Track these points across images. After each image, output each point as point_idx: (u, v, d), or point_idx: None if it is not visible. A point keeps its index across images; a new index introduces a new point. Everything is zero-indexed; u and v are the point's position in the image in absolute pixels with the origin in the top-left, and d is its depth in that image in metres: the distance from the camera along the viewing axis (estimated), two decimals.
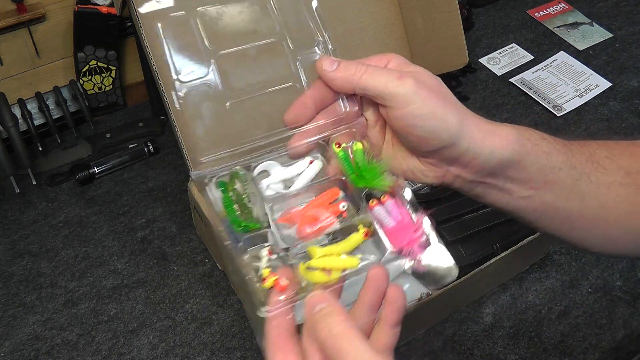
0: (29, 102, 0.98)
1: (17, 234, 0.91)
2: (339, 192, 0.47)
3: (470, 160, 0.45)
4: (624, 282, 0.85)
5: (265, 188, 0.47)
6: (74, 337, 0.80)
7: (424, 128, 0.44)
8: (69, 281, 0.86)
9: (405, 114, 0.44)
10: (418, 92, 0.44)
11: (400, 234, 0.44)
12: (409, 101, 0.44)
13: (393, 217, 0.45)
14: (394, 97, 0.44)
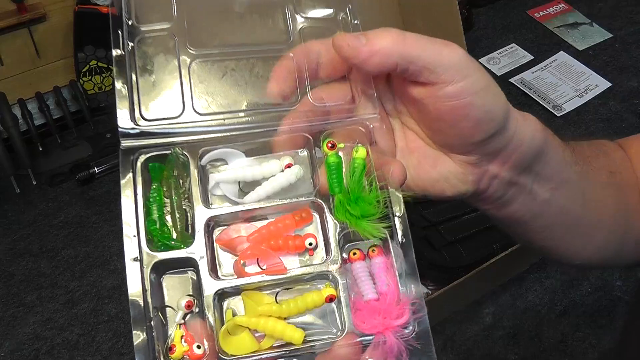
0: (29, 102, 0.98)
1: (18, 234, 0.91)
2: (311, 217, 0.36)
3: (514, 150, 0.38)
4: (624, 282, 0.85)
5: (213, 186, 0.36)
6: (74, 337, 0.80)
7: (481, 107, 0.35)
8: (69, 281, 0.86)
9: (463, 89, 0.35)
10: (472, 62, 0.35)
11: (374, 313, 0.33)
12: (465, 72, 0.35)
13: (377, 286, 0.34)
14: (447, 68, 0.34)
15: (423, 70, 0.35)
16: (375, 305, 0.33)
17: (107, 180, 0.99)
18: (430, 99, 0.36)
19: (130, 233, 0.34)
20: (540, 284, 0.84)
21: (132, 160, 0.35)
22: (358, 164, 0.35)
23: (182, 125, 0.35)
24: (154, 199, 0.35)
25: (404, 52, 0.34)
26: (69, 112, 1.00)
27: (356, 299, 0.34)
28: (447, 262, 0.76)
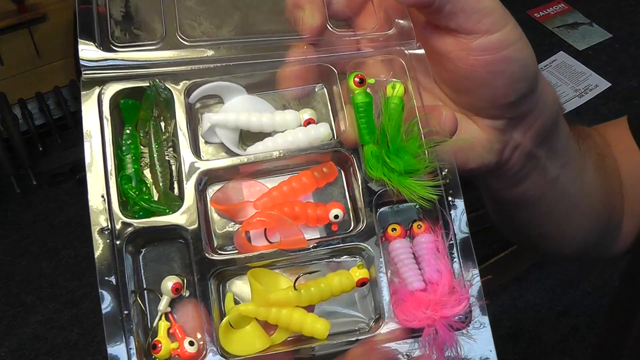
0: (30, 102, 0.98)
1: (18, 234, 0.91)
2: (334, 173, 0.28)
3: (539, 114, 0.35)
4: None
5: (207, 131, 0.28)
6: (75, 337, 0.80)
7: (519, 61, 0.31)
8: (70, 281, 0.86)
9: (499, 40, 0.30)
10: (505, 9, 0.30)
11: (422, 305, 0.26)
12: (504, 21, 0.30)
13: (424, 272, 0.27)
14: (485, 15, 0.29)
15: (459, 14, 0.29)
16: (422, 296, 0.26)
17: None
18: (461, 52, 0.30)
19: (96, 194, 0.25)
20: (540, 284, 0.84)
21: (98, 96, 0.27)
22: (396, 105, 0.27)
23: (164, 54, 0.27)
24: (128, 147, 0.27)
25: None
26: (69, 112, 1.00)
27: (398, 287, 0.26)
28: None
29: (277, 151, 0.27)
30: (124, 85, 0.27)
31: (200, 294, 0.25)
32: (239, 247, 0.26)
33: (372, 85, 0.28)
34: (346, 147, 0.28)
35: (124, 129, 0.28)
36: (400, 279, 0.27)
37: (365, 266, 0.26)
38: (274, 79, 0.28)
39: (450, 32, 0.30)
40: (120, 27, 0.28)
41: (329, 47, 0.29)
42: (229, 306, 0.26)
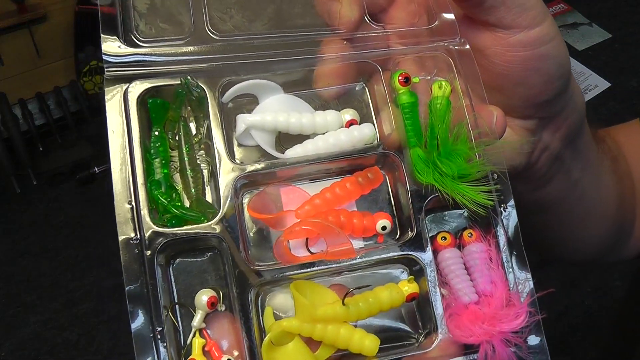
0: (30, 102, 0.98)
1: (18, 234, 0.91)
2: (380, 180, 0.25)
3: (569, 114, 0.34)
4: (624, 282, 0.85)
5: (241, 133, 0.25)
6: (74, 337, 0.80)
7: (556, 59, 0.30)
8: (70, 281, 0.86)
9: (538, 36, 0.29)
10: (544, 5, 0.30)
11: (477, 319, 0.24)
12: (542, 17, 0.29)
13: (477, 283, 0.25)
14: (527, 9, 0.29)
15: (500, 7, 0.28)
16: (477, 310, 0.24)
17: (107, 180, 0.99)
18: (498, 48, 0.29)
19: (123, 201, 0.24)
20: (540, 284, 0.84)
21: (124, 95, 0.24)
22: (443, 105, 0.25)
23: (193, 49, 0.25)
24: (157, 150, 0.25)
25: None
26: (69, 112, 1.00)
27: (451, 300, 0.24)
28: None
29: (317, 154, 0.25)
30: (152, 84, 0.24)
31: (240, 308, 0.23)
32: (280, 257, 0.24)
33: (416, 85, 0.25)
34: (391, 149, 0.25)
35: (152, 130, 0.25)
36: (452, 291, 0.25)
37: (415, 279, 0.24)
38: (311, 76, 0.26)
39: (489, 27, 0.29)
40: (145, 21, 0.25)
41: (367, 43, 0.27)
42: (268, 321, 0.23)
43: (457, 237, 0.25)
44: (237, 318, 0.23)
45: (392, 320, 0.25)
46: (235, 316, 0.23)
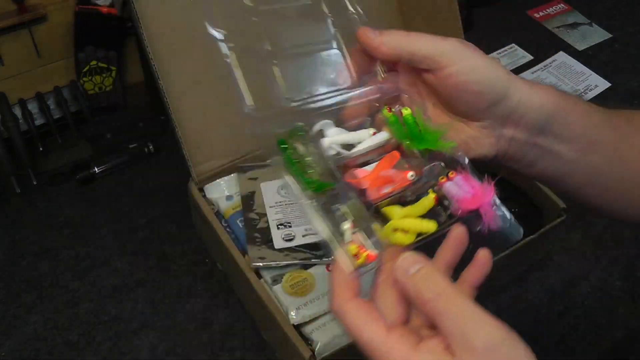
0: (30, 102, 0.98)
1: (18, 234, 0.91)
2: (398, 155, 0.45)
3: (522, 116, 0.46)
4: (624, 282, 0.85)
5: (326, 148, 0.44)
6: (74, 337, 0.80)
7: (477, 82, 0.44)
8: (70, 281, 0.86)
9: (458, 70, 0.44)
10: (465, 48, 0.45)
11: (472, 201, 0.43)
12: (459, 57, 0.44)
13: (464, 191, 0.43)
14: (443, 55, 0.44)
15: (424, 60, 0.45)
16: (469, 198, 0.43)
17: (107, 180, 0.99)
18: (436, 81, 0.45)
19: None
20: (540, 284, 0.84)
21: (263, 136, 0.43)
22: (408, 117, 0.46)
23: (285, 110, 0.45)
24: (292, 161, 0.43)
25: (406, 47, 0.45)
26: (69, 112, 1.00)
27: (457, 200, 0.43)
28: None
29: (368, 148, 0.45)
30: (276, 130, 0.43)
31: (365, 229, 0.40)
32: (370, 195, 0.43)
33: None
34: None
35: (283, 152, 0.44)
36: (456, 198, 0.43)
37: (434, 192, 0.43)
38: (340, 117, 0.47)
39: (425, 70, 0.46)
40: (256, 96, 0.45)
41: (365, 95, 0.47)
42: (375, 228, 0.40)
43: (448, 176, 0.44)
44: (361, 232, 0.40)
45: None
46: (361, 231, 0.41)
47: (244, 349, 0.79)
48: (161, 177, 1.00)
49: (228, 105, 0.85)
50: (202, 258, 0.89)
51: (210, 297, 0.85)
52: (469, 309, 0.36)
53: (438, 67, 0.45)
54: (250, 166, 0.87)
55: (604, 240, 0.91)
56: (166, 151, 1.04)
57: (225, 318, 0.82)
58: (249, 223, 0.80)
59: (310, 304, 0.72)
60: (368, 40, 0.46)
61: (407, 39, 0.45)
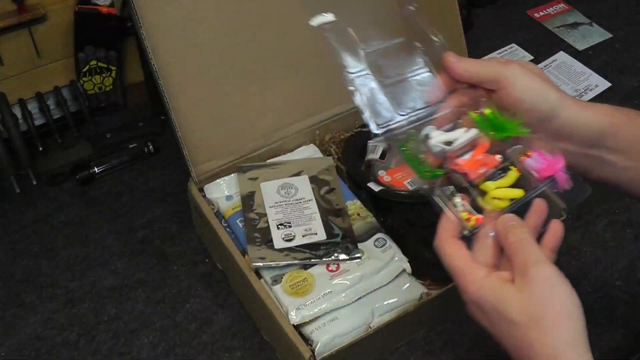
0: (30, 102, 0.98)
1: (18, 234, 0.91)
2: (487, 145, 0.57)
3: (570, 133, 0.55)
4: (624, 282, 0.85)
5: (433, 146, 0.57)
6: (74, 337, 0.80)
7: (527, 101, 0.54)
8: (70, 281, 0.86)
9: (512, 91, 0.54)
10: (522, 72, 0.55)
11: (547, 169, 0.54)
12: (515, 79, 0.54)
13: (540, 163, 0.54)
14: (501, 79, 0.55)
15: (488, 82, 0.56)
16: (545, 168, 0.54)
17: (107, 180, 0.99)
18: (498, 98, 0.56)
19: None
20: None
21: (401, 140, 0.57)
22: (489, 114, 0.57)
23: (398, 123, 0.59)
24: (411, 157, 0.57)
25: (474, 72, 0.56)
26: (69, 112, 1.00)
27: (537, 171, 0.55)
28: None
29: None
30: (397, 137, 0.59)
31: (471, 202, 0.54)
32: (472, 175, 0.56)
33: None
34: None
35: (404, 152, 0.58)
36: (536, 170, 0.55)
37: (515, 167, 0.56)
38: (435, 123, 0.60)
39: (491, 89, 0.57)
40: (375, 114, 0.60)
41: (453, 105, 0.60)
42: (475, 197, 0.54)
43: (526, 154, 0.56)
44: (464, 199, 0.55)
45: None
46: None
47: (244, 349, 0.79)
48: (161, 177, 1.00)
49: (228, 105, 0.85)
50: (202, 258, 0.89)
51: (210, 297, 0.85)
52: (535, 253, 0.48)
53: (498, 87, 0.55)
54: (250, 166, 0.87)
55: (604, 240, 0.91)
56: (166, 151, 1.04)
57: (225, 318, 0.82)
58: (249, 223, 0.80)
59: (310, 304, 0.72)
60: (450, 65, 0.57)
61: (477, 65, 0.57)
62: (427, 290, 0.76)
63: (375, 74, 0.60)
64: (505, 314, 0.47)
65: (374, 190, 0.84)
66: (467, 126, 0.59)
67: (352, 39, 0.61)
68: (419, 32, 0.63)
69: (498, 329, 0.48)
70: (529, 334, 0.46)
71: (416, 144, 0.57)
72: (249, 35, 0.84)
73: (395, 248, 0.78)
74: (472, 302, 0.50)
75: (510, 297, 0.47)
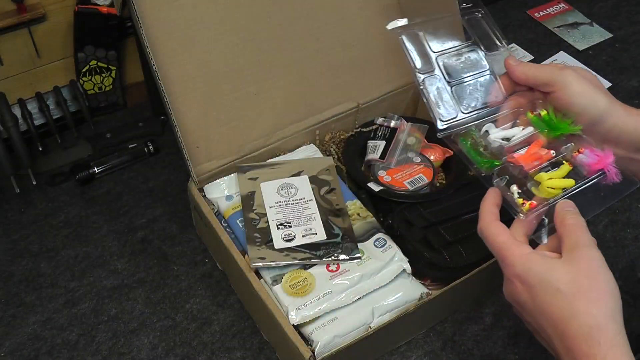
0: (29, 102, 0.98)
1: (17, 234, 0.91)
2: (542, 142, 0.63)
3: (618, 137, 0.60)
4: (624, 282, 0.85)
5: (492, 141, 0.64)
6: (74, 337, 0.80)
7: (578, 104, 0.60)
8: (69, 281, 0.86)
9: (564, 94, 0.60)
10: (575, 78, 0.60)
11: (598, 163, 0.60)
12: (568, 84, 0.60)
13: (591, 158, 0.60)
14: (556, 82, 0.60)
15: (544, 85, 0.62)
16: (596, 163, 0.61)
17: (107, 180, 0.99)
18: (552, 101, 0.62)
19: None
20: None
21: (453, 140, 0.65)
22: (544, 114, 0.63)
23: (460, 120, 0.67)
24: (471, 150, 0.64)
25: (532, 75, 0.63)
26: (69, 112, 1.00)
27: (589, 165, 0.61)
28: (447, 262, 0.76)
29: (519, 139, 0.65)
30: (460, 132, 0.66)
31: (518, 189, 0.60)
32: (527, 167, 0.62)
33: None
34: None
35: (466, 145, 0.66)
36: (588, 165, 0.61)
37: (567, 162, 0.62)
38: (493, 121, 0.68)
39: (546, 92, 0.63)
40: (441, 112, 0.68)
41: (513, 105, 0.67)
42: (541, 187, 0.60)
43: (579, 150, 0.62)
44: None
45: None
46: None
47: (244, 349, 0.79)
48: (161, 177, 1.00)
49: (228, 105, 0.85)
50: (202, 258, 0.89)
51: (210, 297, 0.85)
52: (587, 237, 0.53)
53: (553, 90, 0.61)
54: (250, 166, 0.87)
55: (604, 240, 0.91)
56: (166, 151, 1.04)
57: (225, 318, 0.82)
58: (249, 223, 0.80)
59: (310, 304, 0.72)
60: (510, 68, 0.64)
61: (534, 69, 0.63)
62: (427, 290, 0.76)
63: (442, 74, 0.68)
64: (552, 283, 0.51)
65: (374, 190, 0.84)
66: (523, 125, 0.65)
67: (422, 42, 0.69)
68: (483, 36, 0.71)
69: (541, 300, 0.51)
70: (575, 303, 0.49)
71: (476, 138, 0.64)
72: (249, 35, 0.84)
73: (395, 248, 0.78)
74: (517, 276, 0.53)
75: (558, 269, 0.51)
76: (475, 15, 0.71)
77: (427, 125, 0.93)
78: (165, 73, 0.78)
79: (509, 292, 0.56)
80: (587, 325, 0.48)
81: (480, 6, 0.71)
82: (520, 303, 0.54)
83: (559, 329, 0.50)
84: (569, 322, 0.49)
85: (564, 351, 0.50)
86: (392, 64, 0.95)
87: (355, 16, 0.91)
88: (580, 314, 0.49)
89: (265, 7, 0.85)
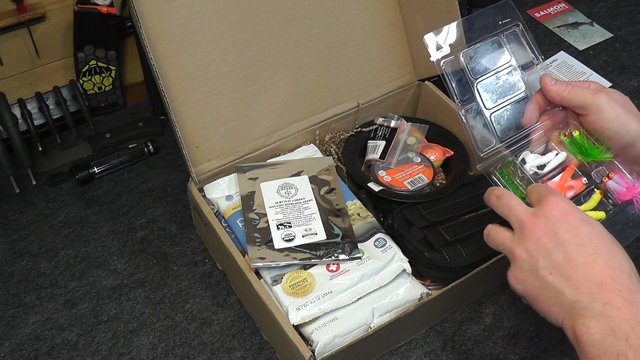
0: (29, 102, 0.98)
1: (17, 234, 0.91)
2: (574, 167, 0.66)
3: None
4: None
5: (528, 170, 0.66)
6: (74, 337, 0.80)
7: (610, 130, 0.62)
8: (69, 281, 0.86)
9: (597, 119, 0.62)
10: (608, 103, 0.61)
11: (627, 193, 0.64)
12: (601, 109, 0.62)
13: (621, 186, 0.64)
14: (589, 107, 0.62)
15: (577, 107, 0.64)
16: (625, 191, 0.64)
17: (107, 180, 0.99)
18: (585, 123, 0.65)
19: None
20: None
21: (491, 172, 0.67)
22: (577, 137, 0.66)
23: (498, 147, 0.69)
24: (509, 182, 0.66)
25: (566, 96, 0.64)
26: (68, 112, 1.00)
27: (618, 194, 0.65)
28: (447, 262, 0.76)
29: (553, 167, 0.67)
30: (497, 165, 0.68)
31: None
32: (560, 189, 0.66)
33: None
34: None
35: (504, 177, 0.68)
36: (617, 192, 0.65)
37: (598, 190, 0.66)
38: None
39: (579, 113, 0.66)
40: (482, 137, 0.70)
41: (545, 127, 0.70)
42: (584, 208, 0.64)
43: (609, 176, 0.66)
44: None
45: None
46: None
47: (244, 349, 0.79)
48: (161, 177, 1.00)
49: (228, 105, 0.85)
50: (202, 258, 0.89)
51: (210, 297, 0.84)
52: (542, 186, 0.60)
53: (586, 114, 0.63)
54: (250, 166, 0.87)
55: None
56: (166, 151, 1.04)
57: (225, 318, 0.82)
58: (249, 223, 0.79)
59: (310, 304, 0.72)
60: (546, 88, 0.65)
61: (569, 90, 0.64)
62: (427, 291, 0.76)
63: (481, 102, 0.69)
64: (591, 218, 0.56)
65: (374, 190, 0.84)
66: (556, 146, 0.68)
67: (463, 70, 0.69)
68: (519, 52, 0.72)
69: (580, 237, 0.53)
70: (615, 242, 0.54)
71: (513, 169, 0.66)
72: (249, 35, 0.84)
73: (395, 248, 0.78)
74: (556, 221, 0.54)
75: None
76: (513, 30, 0.71)
77: (427, 125, 0.93)
78: (165, 73, 0.78)
79: (541, 245, 0.55)
80: (629, 262, 0.53)
81: (517, 20, 0.71)
82: (550, 254, 0.54)
83: (599, 262, 0.52)
84: (616, 253, 0.53)
85: (594, 288, 0.51)
86: (392, 64, 0.95)
87: (355, 16, 0.91)
88: (622, 253, 0.54)
89: (265, 7, 0.85)
